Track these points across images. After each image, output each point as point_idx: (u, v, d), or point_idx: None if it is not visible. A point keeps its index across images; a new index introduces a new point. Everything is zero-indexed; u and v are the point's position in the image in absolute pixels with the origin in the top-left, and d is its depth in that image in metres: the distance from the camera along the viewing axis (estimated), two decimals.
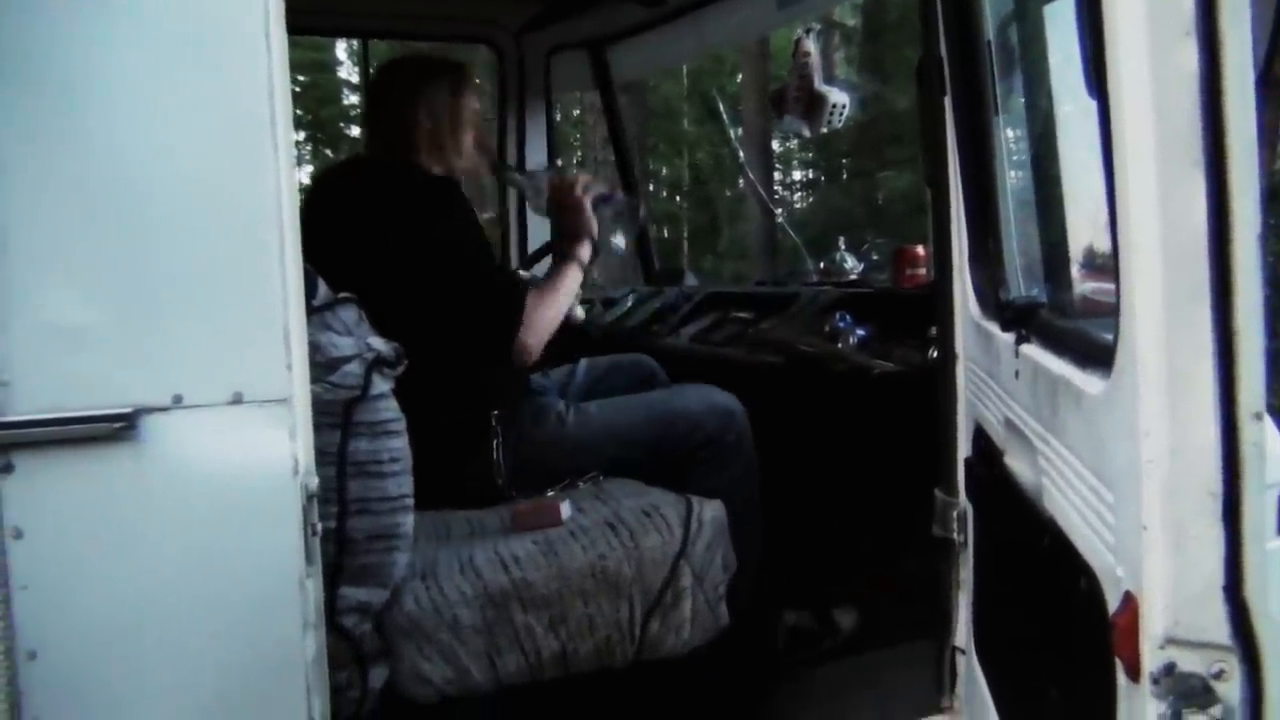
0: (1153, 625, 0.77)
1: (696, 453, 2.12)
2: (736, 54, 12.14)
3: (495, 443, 2.04)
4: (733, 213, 13.52)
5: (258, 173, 1.20)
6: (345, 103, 15.17)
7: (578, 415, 2.16)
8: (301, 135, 13.77)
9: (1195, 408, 0.74)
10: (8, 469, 1.13)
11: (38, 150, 1.14)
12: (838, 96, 2.59)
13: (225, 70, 1.21)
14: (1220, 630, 0.75)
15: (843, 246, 3.11)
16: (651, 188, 14.01)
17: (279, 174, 1.20)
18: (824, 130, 2.69)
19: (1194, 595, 0.75)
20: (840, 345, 2.29)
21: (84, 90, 1.16)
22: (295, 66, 1.28)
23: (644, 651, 1.72)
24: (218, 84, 1.21)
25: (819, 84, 2.59)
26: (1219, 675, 0.75)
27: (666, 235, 14.25)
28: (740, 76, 12.86)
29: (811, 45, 2.61)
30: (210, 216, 1.20)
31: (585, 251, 2.23)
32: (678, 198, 15.05)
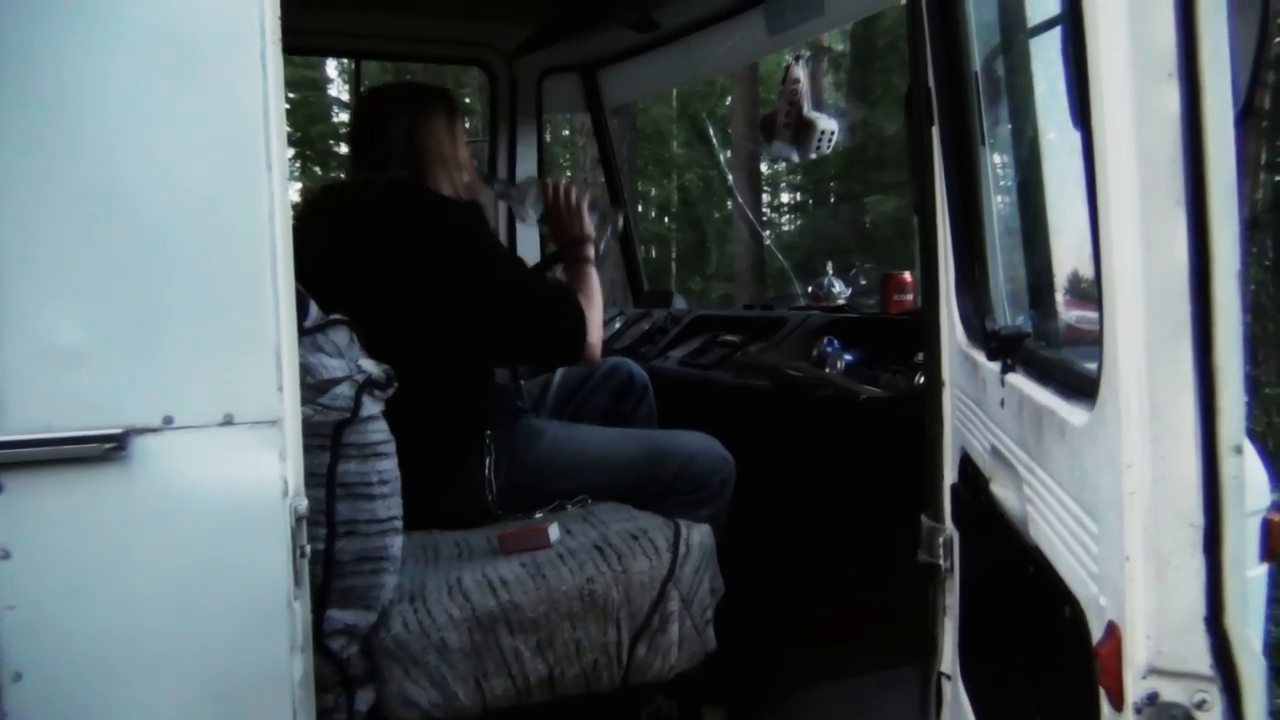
0: (1135, 655, 0.78)
1: (681, 486, 2.15)
2: (726, 78, 12.23)
3: (488, 460, 2.06)
4: (721, 235, 13.58)
5: (251, 192, 1.21)
6: (335, 120, 15.19)
7: (572, 440, 2.19)
8: (291, 153, 13.76)
9: (1177, 441, 0.76)
10: None
11: (32, 170, 1.15)
12: (826, 123, 2.62)
13: (220, 89, 1.22)
14: (1202, 661, 0.76)
15: (830, 271, 3.14)
16: (640, 209, 14.06)
17: (272, 194, 1.21)
18: (813, 156, 2.71)
19: (1176, 626, 0.76)
20: (828, 370, 2.31)
21: (78, 109, 1.17)
22: (285, 84, 1.29)
23: (631, 676, 1.72)
24: (212, 103, 1.21)
25: (808, 110, 2.61)
26: (1201, 705, 0.76)
27: (655, 256, 14.29)
28: (730, 100, 12.95)
29: (801, 72, 2.64)
30: (203, 236, 1.21)
31: (591, 251, 2.31)
32: (666, 219, 15.12)
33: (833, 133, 2.63)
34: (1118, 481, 0.79)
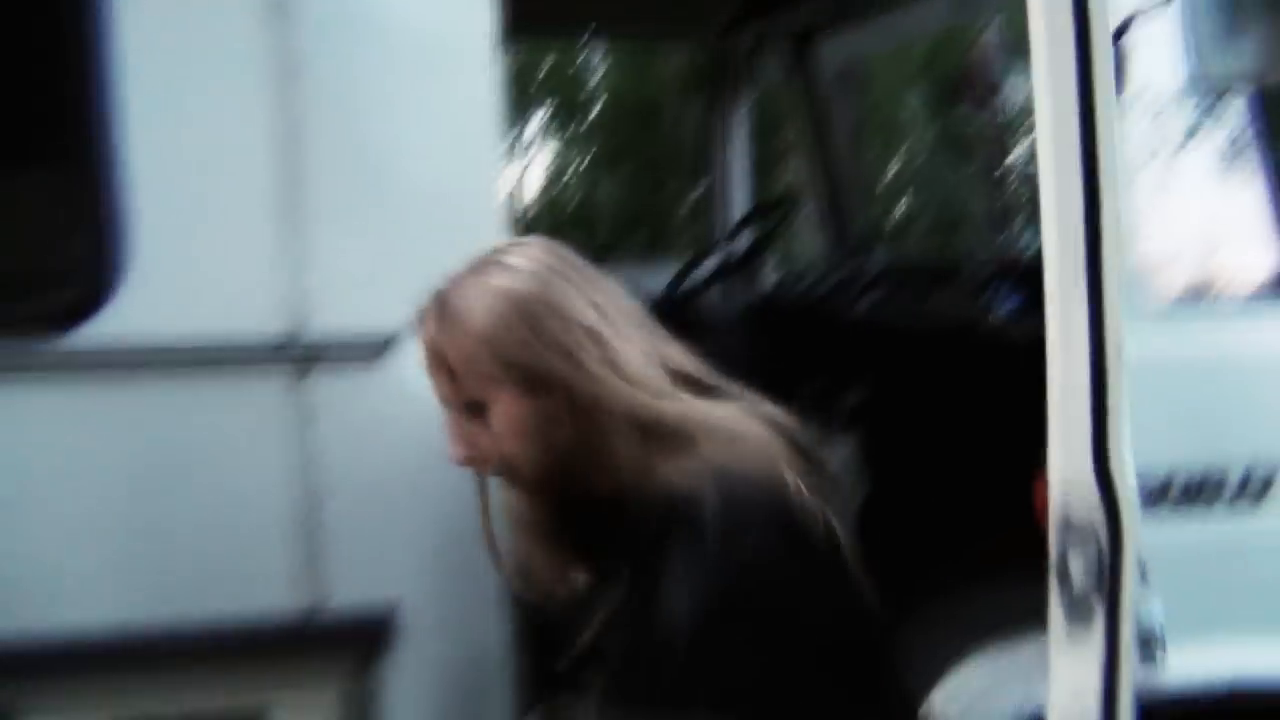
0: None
1: None
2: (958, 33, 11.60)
3: None
4: (955, 192, 12.94)
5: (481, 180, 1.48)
6: None
7: None
8: None
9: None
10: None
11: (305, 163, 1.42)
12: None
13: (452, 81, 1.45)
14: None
15: None
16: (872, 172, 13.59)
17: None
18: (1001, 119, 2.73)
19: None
20: (992, 317, 2.27)
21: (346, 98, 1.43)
22: None
23: None
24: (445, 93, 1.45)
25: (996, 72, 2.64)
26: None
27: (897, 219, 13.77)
28: (965, 54, 12.24)
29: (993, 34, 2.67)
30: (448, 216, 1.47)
31: None
32: (900, 180, 14.59)
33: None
34: None
